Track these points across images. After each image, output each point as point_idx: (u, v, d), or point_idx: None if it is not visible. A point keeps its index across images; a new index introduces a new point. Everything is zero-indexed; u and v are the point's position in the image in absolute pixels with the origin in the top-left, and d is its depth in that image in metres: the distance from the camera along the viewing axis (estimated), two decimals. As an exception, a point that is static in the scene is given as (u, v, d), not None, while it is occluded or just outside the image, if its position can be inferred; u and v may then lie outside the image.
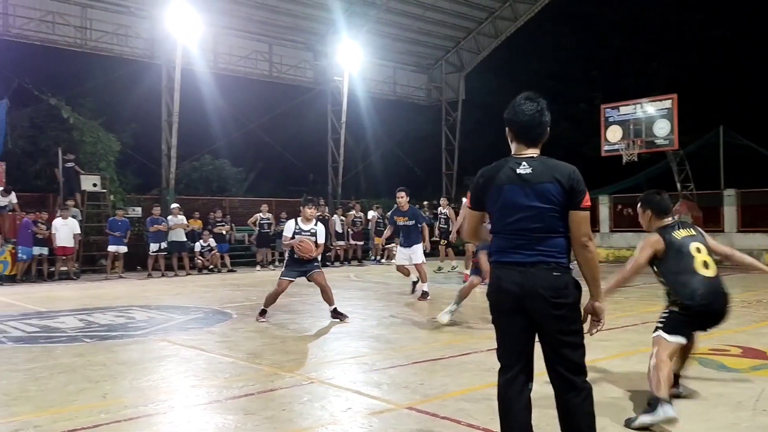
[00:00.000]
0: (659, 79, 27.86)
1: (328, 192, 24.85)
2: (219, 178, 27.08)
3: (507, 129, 3.21)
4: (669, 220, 4.66)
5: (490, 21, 26.29)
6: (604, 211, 22.20)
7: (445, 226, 16.78)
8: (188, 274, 16.80)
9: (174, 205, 17.70)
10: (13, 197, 16.15)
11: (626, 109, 20.64)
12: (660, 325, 4.43)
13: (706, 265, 4.42)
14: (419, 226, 10.79)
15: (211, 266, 17.93)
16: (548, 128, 3.19)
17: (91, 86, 22.22)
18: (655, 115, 19.72)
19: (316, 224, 8.45)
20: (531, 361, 3.11)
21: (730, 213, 20.02)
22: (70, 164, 17.92)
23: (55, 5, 19.34)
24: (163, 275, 16.37)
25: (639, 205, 4.80)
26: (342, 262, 20.33)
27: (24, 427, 4.09)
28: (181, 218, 17.33)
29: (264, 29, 23.38)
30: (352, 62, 23.26)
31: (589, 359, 3.32)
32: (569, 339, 3.01)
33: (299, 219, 8.42)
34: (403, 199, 10.79)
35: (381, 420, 4.25)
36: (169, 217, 17.12)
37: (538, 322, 3.02)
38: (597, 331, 3.20)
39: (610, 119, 20.97)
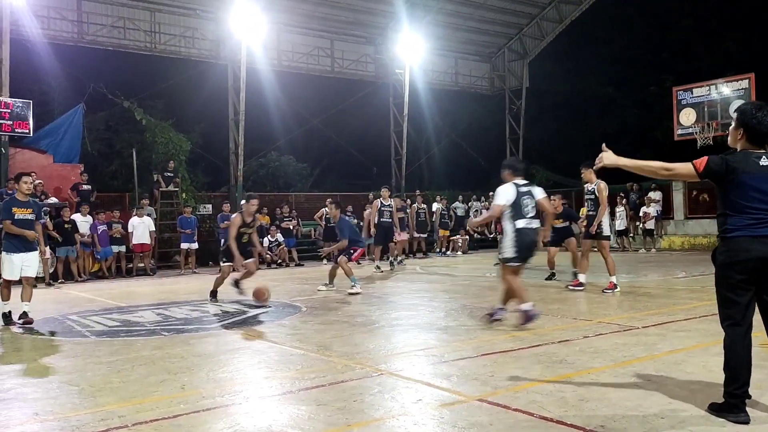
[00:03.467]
0: (733, 60, 26.58)
1: (392, 185, 24.92)
2: (285, 175, 27.57)
3: (748, 132, 3.90)
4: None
5: (553, 5, 25.71)
6: (678, 198, 21.42)
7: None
8: (257, 269, 17.14)
9: (243, 202, 18.08)
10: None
11: (700, 91, 19.89)
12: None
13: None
14: None
15: (279, 260, 18.28)
16: None
17: (161, 88, 23.01)
18: (731, 96, 18.89)
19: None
20: (752, 315, 3.90)
21: (814, 197, 19.01)
22: (169, 173, 18.67)
23: (125, 11, 20.09)
24: (234, 270, 16.74)
25: None
26: (407, 255, 20.28)
27: (109, 417, 4.26)
28: (250, 214, 17.69)
29: (325, 25, 23.60)
30: (413, 54, 23.18)
31: (667, 350, 3.25)
32: None
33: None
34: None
35: (452, 411, 4.23)
36: (239, 214, 17.50)
37: None
38: None
39: (683, 102, 20.24)
